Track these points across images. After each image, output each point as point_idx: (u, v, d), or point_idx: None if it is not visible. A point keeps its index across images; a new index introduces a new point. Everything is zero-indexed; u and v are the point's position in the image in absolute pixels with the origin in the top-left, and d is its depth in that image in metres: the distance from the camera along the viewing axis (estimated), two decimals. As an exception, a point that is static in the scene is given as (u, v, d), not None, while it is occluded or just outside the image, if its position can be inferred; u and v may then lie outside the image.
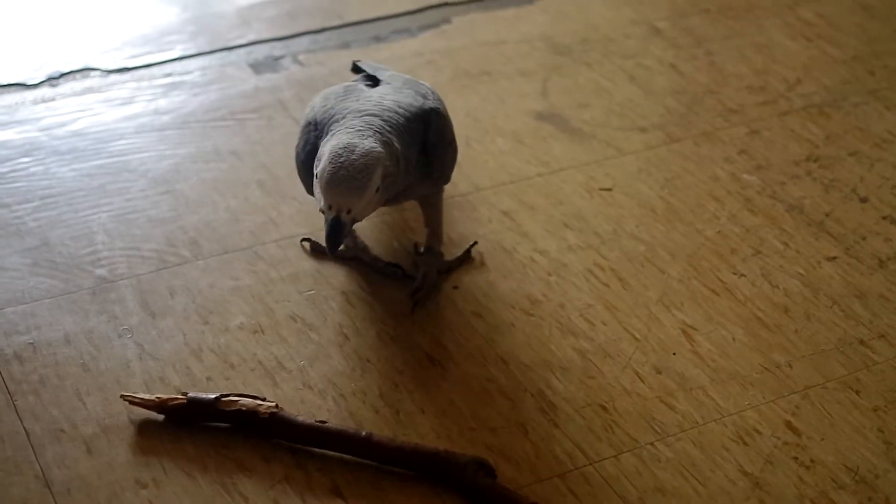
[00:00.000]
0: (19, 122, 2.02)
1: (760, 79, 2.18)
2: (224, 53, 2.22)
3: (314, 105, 1.66)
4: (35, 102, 2.07)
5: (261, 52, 2.22)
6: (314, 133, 1.61)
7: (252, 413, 1.47)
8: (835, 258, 1.78)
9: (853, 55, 2.25)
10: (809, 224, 1.84)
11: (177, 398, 1.49)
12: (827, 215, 1.86)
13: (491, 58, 2.22)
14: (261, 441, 1.47)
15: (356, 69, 1.87)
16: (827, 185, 1.92)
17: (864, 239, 1.82)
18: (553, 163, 1.96)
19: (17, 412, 1.51)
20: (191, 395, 1.49)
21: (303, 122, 1.66)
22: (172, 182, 1.90)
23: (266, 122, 2.04)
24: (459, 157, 1.71)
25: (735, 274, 1.75)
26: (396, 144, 1.54)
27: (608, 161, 1.97)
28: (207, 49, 2.23)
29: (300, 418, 1.47)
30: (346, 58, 2.20)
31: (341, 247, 1.54)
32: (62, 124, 2.02)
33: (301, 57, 2.21)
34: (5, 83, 2.12)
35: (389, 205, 1.69)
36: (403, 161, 1.56)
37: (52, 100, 2.08)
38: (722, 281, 1.73)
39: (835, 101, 2.12)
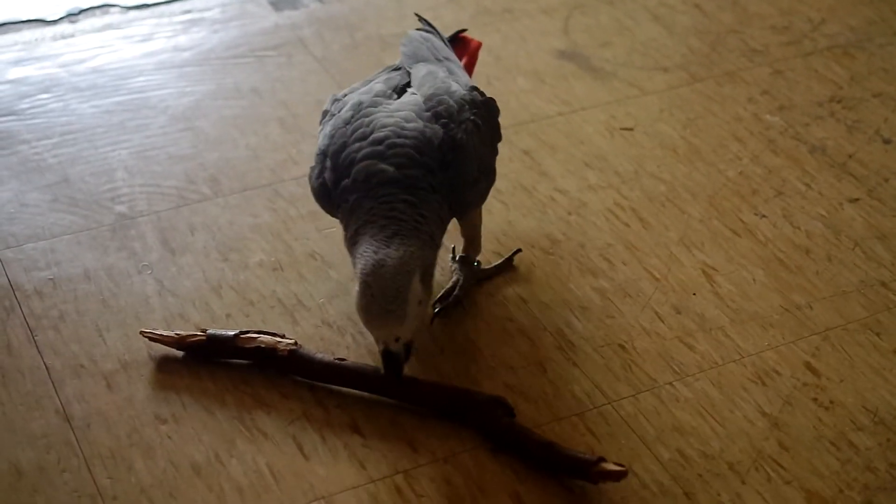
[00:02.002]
0: (39, 59, 2.02)
1: (785, 18, 2.16)
2: (244, -10, 2.21)
3: (324, 131, 1.50)
4: (54, 38, 2.07)
5: (281, -12, 2.21)
6: (326, 166, 1.47)
7: (271, 350, 1.47)
8: (857, 200, 1.77)
9: (879, -5, 2.23)
10: (832, 165, 1.83)
11: (196, 335, 1.49)
12: (850, 157, 1.84)
13: (513, -4, 2.21)
14: (280, 377, 1.48)
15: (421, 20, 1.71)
16: (850, 127, 1.90)
17: (886, 181, 1.80)
18: (574, 102, 1.95)
19: (37, 347, 1.52)
20: (210, 331, 1.49)
21: (318, 145, 1.50)
22: (192, 119, 1.89)
23: (286, 59, 2.03)
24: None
25: (756, 215, 1.74)
26: (425, 212, 1.41)
27: (630, 100, 1.96)
28: (227, -15, 2.22)
29: (319, 356, 1.48)
30: (367, -5, 2.19)
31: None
32: (81, 61, 2.01)
33: (321, -6, 2.20)
34: (25, 19, 2.11)
35: None
36: (438, 219, 1.43)
37: (72, 36, 2.07)
38: (743, 222, 1.72)
39: (860, 42, 2.10)
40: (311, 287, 1.61)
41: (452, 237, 1.64)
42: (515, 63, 2.02)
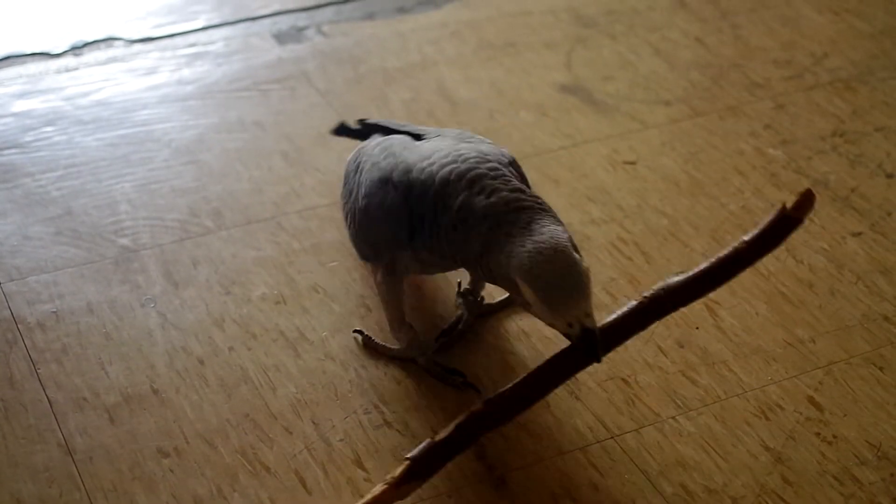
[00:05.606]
0: (43, 92, 2.02)
1: (786, 52, 2.17)
2: (248, 24, 2.22)
3: (375, 160, 1.49)
4: (59, 72, 2.07)
5: (285, 22, 2.22)
6: (401, 196, 1.44)
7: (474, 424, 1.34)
8: (860, 234, 1.77)
9: (881, 29, 2.23)
10: (835, 199, 1.83)
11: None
12: (852, 191, 1.85)
13: (515, 29, 2.21)
14: (282, 412, 1.48)
15: (346, 130, 1.72)
16: (853, 161, 1.91)
17: (889, 215, 1.80)
18: (577, 135, 1.95)
19: (39, 380, 1.52)
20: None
21: (369, 177, 1.49)
22: (196, 152, 1.90)
23: (289, 92, 2.03)
24: (483, 128, 1.70)
25: (759, 248, 1.74)
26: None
27: (632, 134, 1.96)
28: (231, 19, 2.22)
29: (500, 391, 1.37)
30: (371, 28, 2.20)
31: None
32: (86, 94, 2.02)
33: (325, 28, 2.20)
34: (29, 52, 2.12)
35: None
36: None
37: (76, 69, 2.08)
38: (746, 255, 1.72)
39: (861, 76, 2.11)
40: (313, 320, 1.61)
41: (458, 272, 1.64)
42: (518, 97, 2.03)
